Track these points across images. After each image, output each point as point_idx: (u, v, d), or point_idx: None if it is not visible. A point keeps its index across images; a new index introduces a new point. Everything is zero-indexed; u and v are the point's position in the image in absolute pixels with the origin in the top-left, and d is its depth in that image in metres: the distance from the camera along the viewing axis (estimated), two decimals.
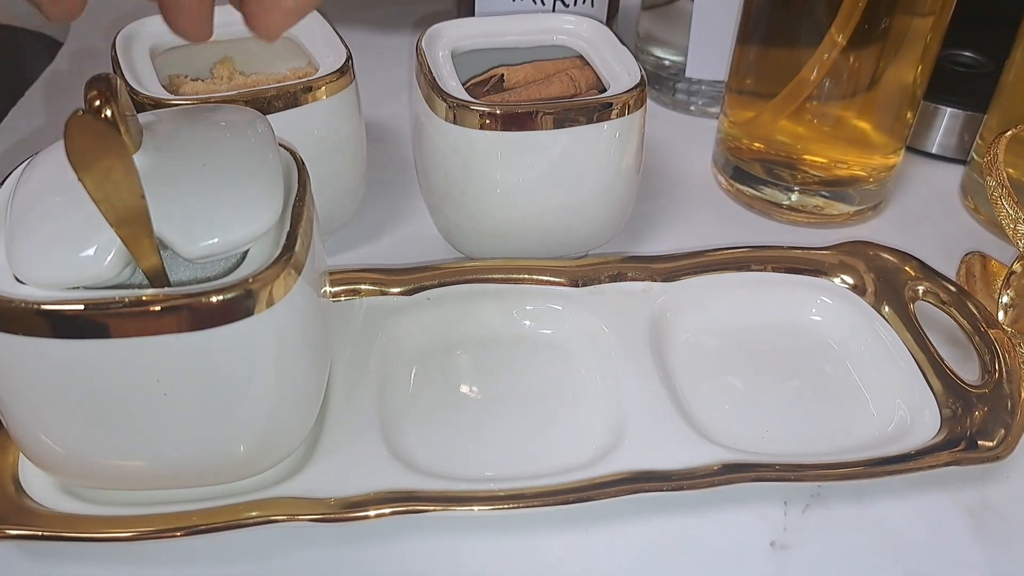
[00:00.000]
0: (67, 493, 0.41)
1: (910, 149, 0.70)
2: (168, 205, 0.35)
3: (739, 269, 0.53)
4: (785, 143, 0.61)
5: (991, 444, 0.44)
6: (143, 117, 0.39)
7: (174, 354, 0.35)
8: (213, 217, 0.36)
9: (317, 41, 0.56)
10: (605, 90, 0.53)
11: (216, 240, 0.35)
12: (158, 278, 0.36)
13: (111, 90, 0.33)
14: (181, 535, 0.39)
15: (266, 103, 0.49)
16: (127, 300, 0.34)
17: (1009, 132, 0.50)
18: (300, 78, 0.53)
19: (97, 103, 0.33)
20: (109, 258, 0.34)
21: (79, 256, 0.34)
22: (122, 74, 0.50)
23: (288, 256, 0.36)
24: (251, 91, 0.50)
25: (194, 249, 0.35)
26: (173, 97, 0.49)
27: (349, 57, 0.53)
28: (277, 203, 0.37)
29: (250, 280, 0.35)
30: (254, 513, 0.40)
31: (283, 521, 0.40)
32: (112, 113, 0.33)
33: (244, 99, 0.49)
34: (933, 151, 0.70)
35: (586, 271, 0.52)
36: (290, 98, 0.50)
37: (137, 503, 0.41)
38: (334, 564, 0.41)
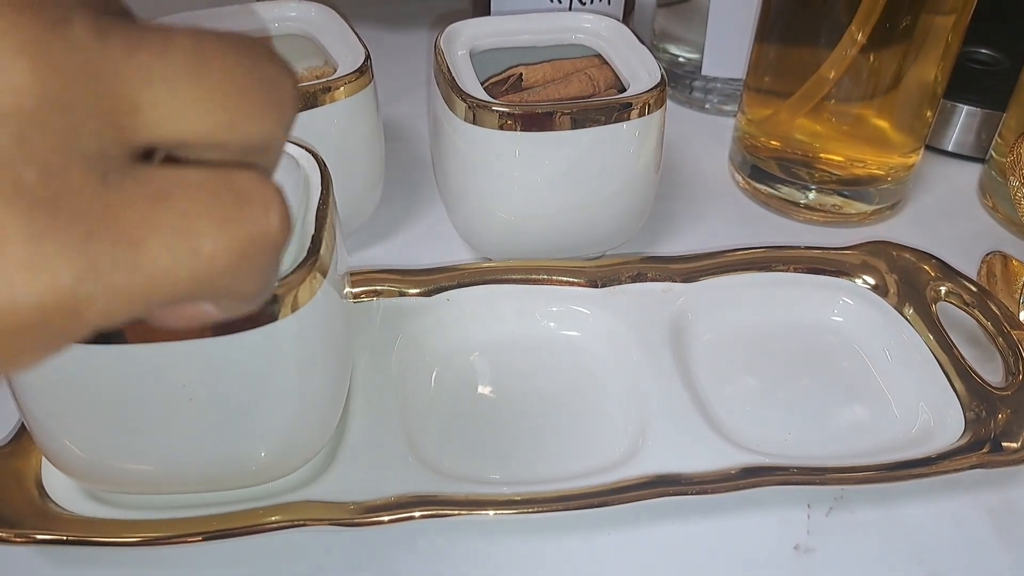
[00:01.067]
0: (89, 497, 0.41)
1: (927, 147, 0.70)
2: None
3: (760, 269, 0.53)
4: (803, 141, 0.60)
5: (1016, 446, 0.44)
6: None
7: (198, 359, 0.35)
8: None
9: (335, 40, 0.56)
10: (624, 89, 0.52)
11: None
12: None
13: None
14: (202, 539, 0.39)
15: None
16: None
17: None
18: (318, 78, 0.53)
19: None
20: None
21: None
22: None
23: (314, 260, 0.36)
24: None
25: None
26: None
27: (367, 57, 0.53)
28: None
29: (276, 285, 0.35)
30: (275, 517, 0.40)
31: (305, 526, 0.40)
32: None
33: None
34: (950, 149, 0.70)
35: (605, 272, 0.52)
36: (309, 98, 0.50)
37: (159, 507, 0.41)
38: (355, 569, 0.41)
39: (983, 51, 0.73)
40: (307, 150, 0.42)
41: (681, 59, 0.74)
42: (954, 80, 0.64)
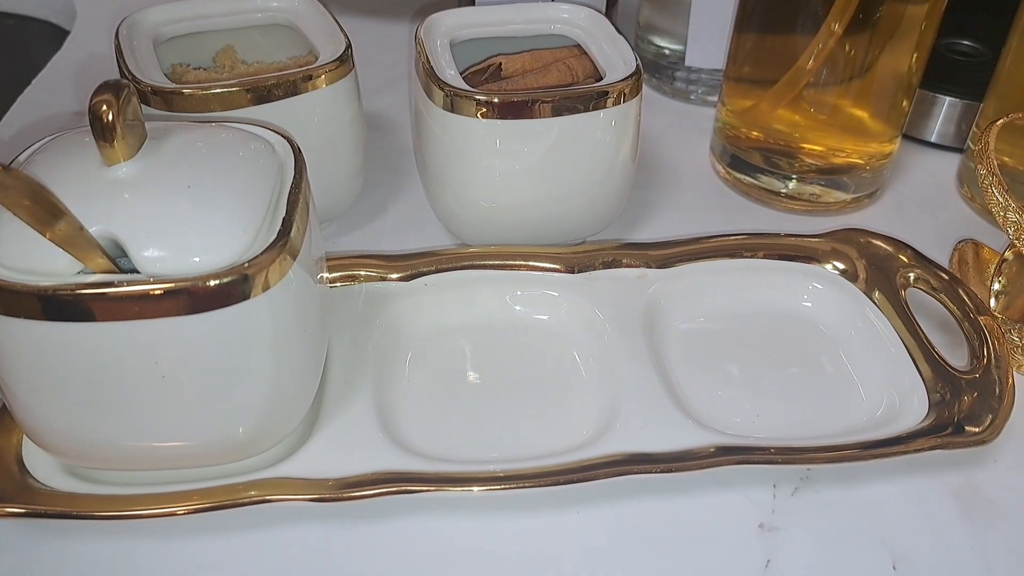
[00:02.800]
0: (69, 473, 0.42)
1: (909, 138, 0.71)
2: (139, 219, 0.36)
3: (732, 256, 0.54)
4: (782, 131, 0.61)
5: (978, 429, 0.44)
6: (153, 125, 0.40)
7: (171, 337, 0.36)
8: (177, 242, 0.36)
9: (317, 30, 0.57)
10: (602, 79, 0.53)
11: (173, 265, 0.36)
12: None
13: (117, 98, 0.35)
14: (182, 513, 0.40)
15: (266, 91, 0.50)
16: (124, 284, 0.34)
17: (1000, 121, 0.51)
18: (301, 67, 0.54)
19: (103, 108, 0.35)
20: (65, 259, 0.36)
21: (42, 252, 0.35)
22: (124, 63, 0.51)
23: (284, 242, 0.37)
24: (252, 79, 0.50)
25: (150, 267, 0.36)
26: (175, 86, 0.50)
27: (348, 46, 0.54)
28: (244, 240, 0.37)
29: (246, 265, 0.36)
30: (252, 493, 0.41)
31: (281, 501, 0.41)
32: (112, 120, 0.35)
33: (245, 87, 0.49)
34: (932, 140, 0.71)
35: (581, 257, 0.53)
36: (290, 86, 0.51)
37: (138, 483, 0.42)
38: (330, 543, 0.42)
39: (965, 43, 0.74)
40: (282, 135, 0.43)
41: (666, 51, 0.74)
42: (936, 71, 0.65)
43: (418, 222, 0.61)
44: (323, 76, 0.52)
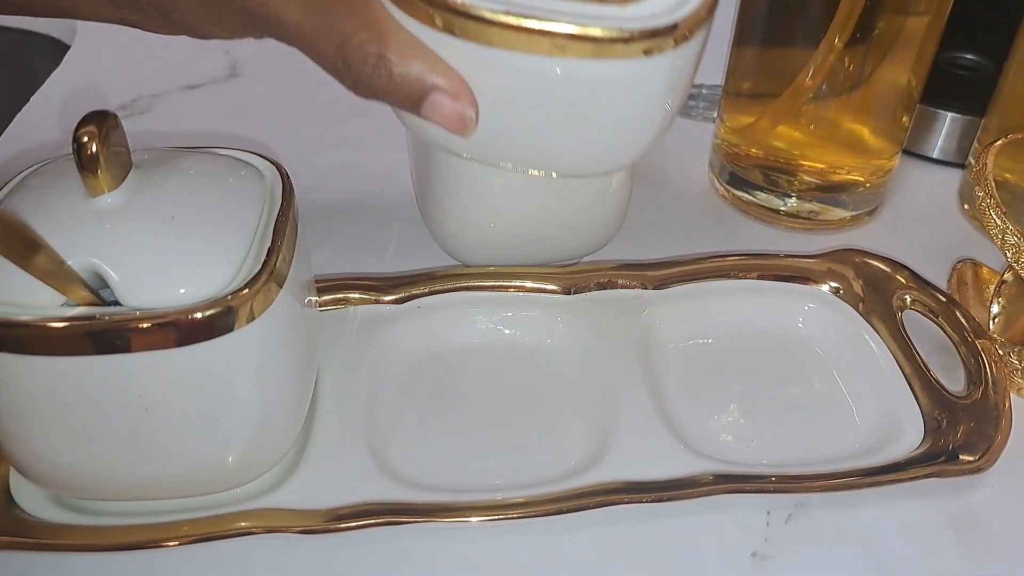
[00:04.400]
0: (57, 504, 0.42)
1: (911, 154, 0.70)
2: (122, 251, 0.36)
3: (728, 277, 0.54)
4: (782, 148, 0.61)
5: (973, 456, 0.44)
6: (140, 154, 0.39)
7: (153, 370, 0.36)
8: (160, 273, 0.36)
9: None
10: None
11: (155, 297, 0.36)
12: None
13: (101, 129, 0.35)
14: (176, 544, 0.40)
15: None
16: (105, 317, 0.34)
17: (999, 142, 0.50)
18: None
19: (85, 139, 0.35)
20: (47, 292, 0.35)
21: (25, 285, 0.35)
22: None
23: (269, 271, 0.37)
24: None
25: (132, 300, 0.36)
26: None
27: None
28: (229, 270, 0.37)
29: (229, 297, 0.35)
30: (242, 524, 0.41)
31: (270, 532, 0.40)
32: (95, 151, 0.35)
33: None
34: (934, 156, 0.70)
35: (577, 279, 0.53)
36: None
37: (126, 513, 0.41)
38: (319, 572, 0.41)
39: (968, 57, 0.73)
40: (270, 161, 0.43)
41: None
42: (939, 86, 0.65)
43: (414, 241, 0.60)
44: None
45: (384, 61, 0.34)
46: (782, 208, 0.62)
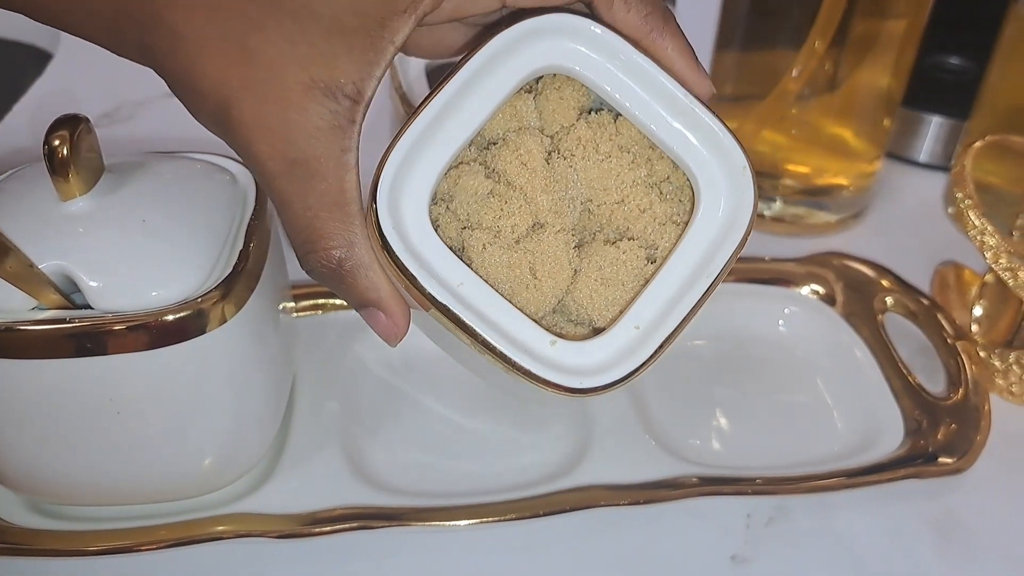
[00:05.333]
0: (33, 510, 0.42)
1: (898, 158, 0.70)
2: (92, 254, 0.36)
3: None
4: (766, 153, 0.61)
5: (953, 457, 0.44)
6: (112, 159, 0.39)
7: (124, 374, 0.35)
8: (130, 276, 0.36)
9: None
10: None
11: (125, 301, 0.35)
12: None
13: (72, 134, 0.35)
14: (152, 549, 0.40)
15: None
16: (74, 320, 0.34)
17: (977, 144, 0.50)
18: None
19: (56, 143, 0.35)
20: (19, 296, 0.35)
21: None
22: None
23: (239, 275, 0.37)
24: None
25: (103, 303, 0.35)
26: None
27: None
28: (199, 273, 0.37)
29: (199, 300, 0.35)
30: (219, 528, 0.41)
31: (246, 537, 0.40)
32: (66, 156, 0.35)
33: None
34: (921, 160, 0.70)
35: None
36: None
37: (102, 518, 0.41)
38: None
39: (953, 60, 0.73)
40: (243, 165, 0.42)
41: None
42: (925, 90, 0.65)
43: None
44: None
45: (343, 263, 0.33)
46: (767, 213, 0.62)
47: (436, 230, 0.32)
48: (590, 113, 0.35)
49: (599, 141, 0.34)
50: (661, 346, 0.34)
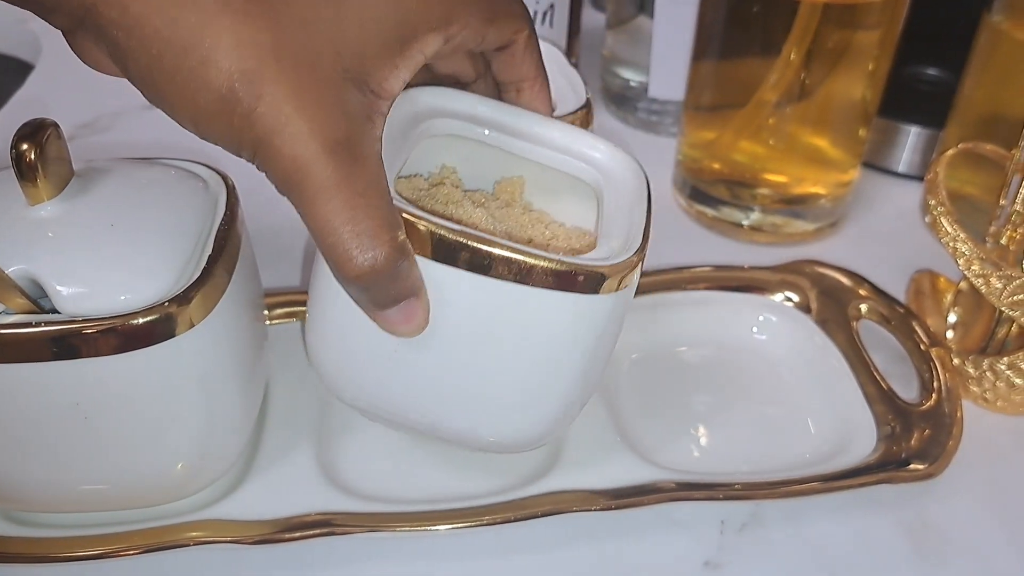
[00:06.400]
0: (2, 517, 0.41)
1: (877, 168, 0.70)
2: (59, 258, 0.36)
3: (684, 288, 0.54)
4: (743, 163, 0.61)
5: (925, 462, 0.44)
6: (81, 164, 0.39)
7: (91, 378, 0.35)
8: (98, 281, 0.36)
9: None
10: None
11: (93, 305, 0.35)
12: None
13: (41, 137, 0.35)
14: (123, 555, 0.40)
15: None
16: (42, 324, 0.34)
17: (950, 151, 0.50)
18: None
19: (24, 147, 0.35)
20: None
21: None
22: None
23: (208, 279, 0.37)
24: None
25: (71, 308, 0.35)
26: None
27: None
28: (168, 279, 0.37)
29: (165, 304, 0.35)
30: (191, 534, 0.40)
31: (217, 543, 0.40)
32: (34, 159, 0.35)
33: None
34: (899, 170, 0.70)
35: None
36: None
37: (72, 525, 0.41)
38: None
39: (931, 71, 0.73)
40: (216, 172, 0.42)
41: (632, 82, 0.74)
42: (903, 101, 0.65)
43: None
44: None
45: (407, 251, 0.32)
46: (745, 222, 0.62)
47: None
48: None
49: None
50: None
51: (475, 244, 0.33)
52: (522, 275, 0.34)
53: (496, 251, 0.33)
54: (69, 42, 0.32)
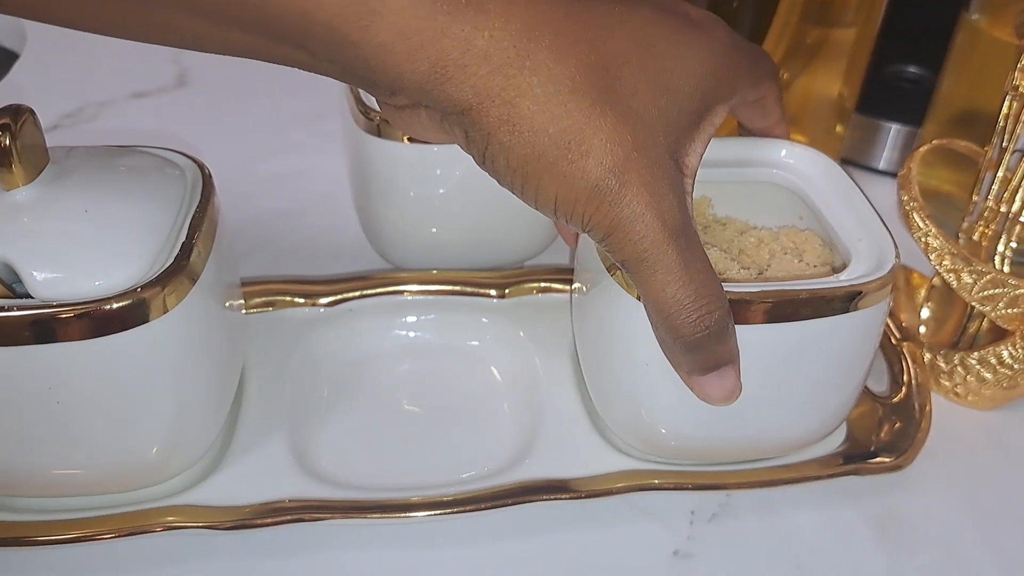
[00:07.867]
0: None
1: (857, 165, 0.71)
2: (33, 244, 0.36)
3: None
4: None
5: (894, 455, 0.44)
6: (57, 150, 0.40)
7: (64, 363, 0.36)
8: (72, 266, 0.36)
9: (838, 209, 0.46)
10: None
11: (67, 290, 0.35)
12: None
13: (15, 123, 0.36)
14: (97, 539, 0.40)
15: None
16: (14, 308, 0.34)
17: (923, 148, 0.51)
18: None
19: None
20: None
21: None
22: None
23: (181, 266, 0.37)
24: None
25: (44, 292, 0.35)
26: None
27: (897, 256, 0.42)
28: (141, 265, 0.37)
29: (138, 289, 0.35)
30: (166, 519, 0.41)
31: (190, 528, 0.41)
32: (8, 145, 0.36)
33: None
34: (879, 167, 0.71)
35: (511, 282, 0.53)
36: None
37: (47, 510, 0.41)
38: (236, 571, 0.41)
39: (911, 69, 0.74)
40: (192, 160, 0.43)
41: None
42: (883, 99, 0.65)
43: (349, 245, 0.60)
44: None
45: (731, 318, 0.36)
46: None
47: None
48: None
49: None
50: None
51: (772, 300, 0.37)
52: (818, 309, 0.38)
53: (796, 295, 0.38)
54: (392, 114, 0.35)
